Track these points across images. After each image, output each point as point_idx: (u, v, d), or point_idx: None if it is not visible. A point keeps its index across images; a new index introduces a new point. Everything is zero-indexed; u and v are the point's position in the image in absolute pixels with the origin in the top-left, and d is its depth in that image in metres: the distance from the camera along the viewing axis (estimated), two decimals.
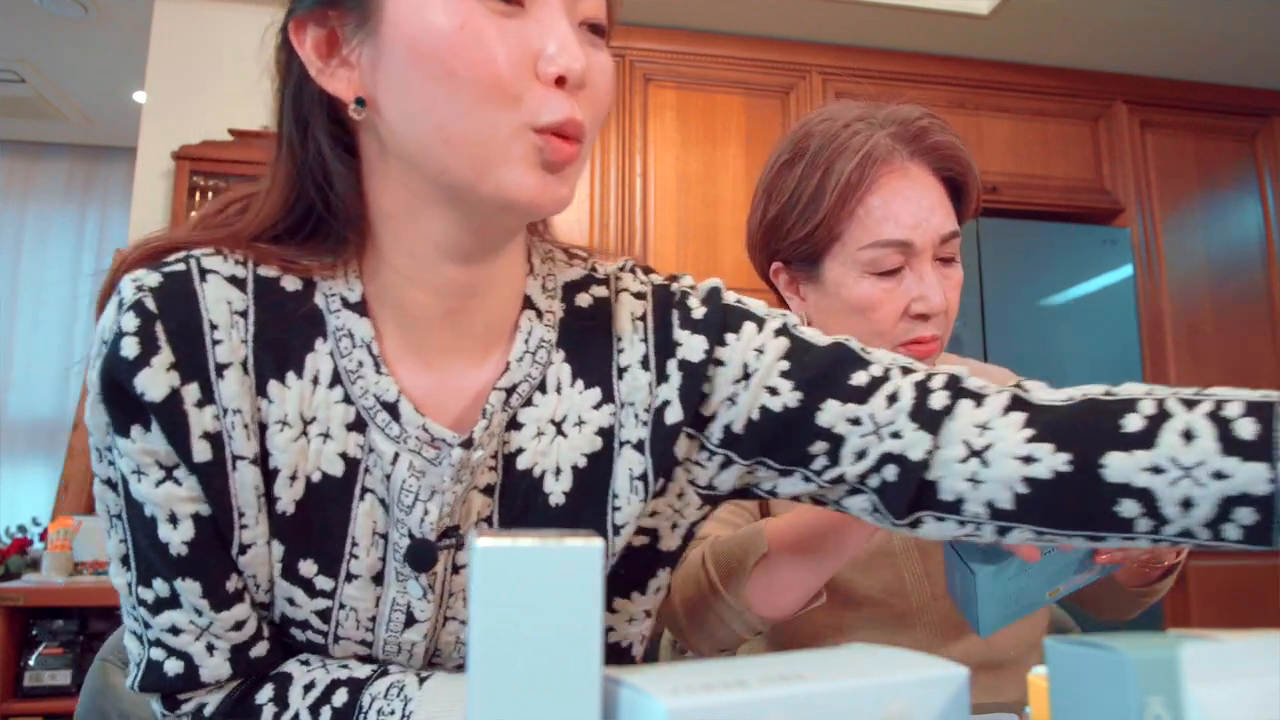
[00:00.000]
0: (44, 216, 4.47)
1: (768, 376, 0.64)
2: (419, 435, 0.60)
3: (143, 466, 0.58)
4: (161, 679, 0.60)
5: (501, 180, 0.54)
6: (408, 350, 0.62)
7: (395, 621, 0.63)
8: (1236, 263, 3.29)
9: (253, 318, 0.60)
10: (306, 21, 0.58)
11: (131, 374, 0.56)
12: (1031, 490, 0.58)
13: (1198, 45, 3.13)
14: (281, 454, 0.60)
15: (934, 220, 0.92)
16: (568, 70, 0.54)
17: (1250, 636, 0.32)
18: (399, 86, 0.55)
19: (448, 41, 0.53)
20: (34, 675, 2.42)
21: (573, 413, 0.65)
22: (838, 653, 0.37)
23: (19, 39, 3.37)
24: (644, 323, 0.68)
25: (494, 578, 0.32)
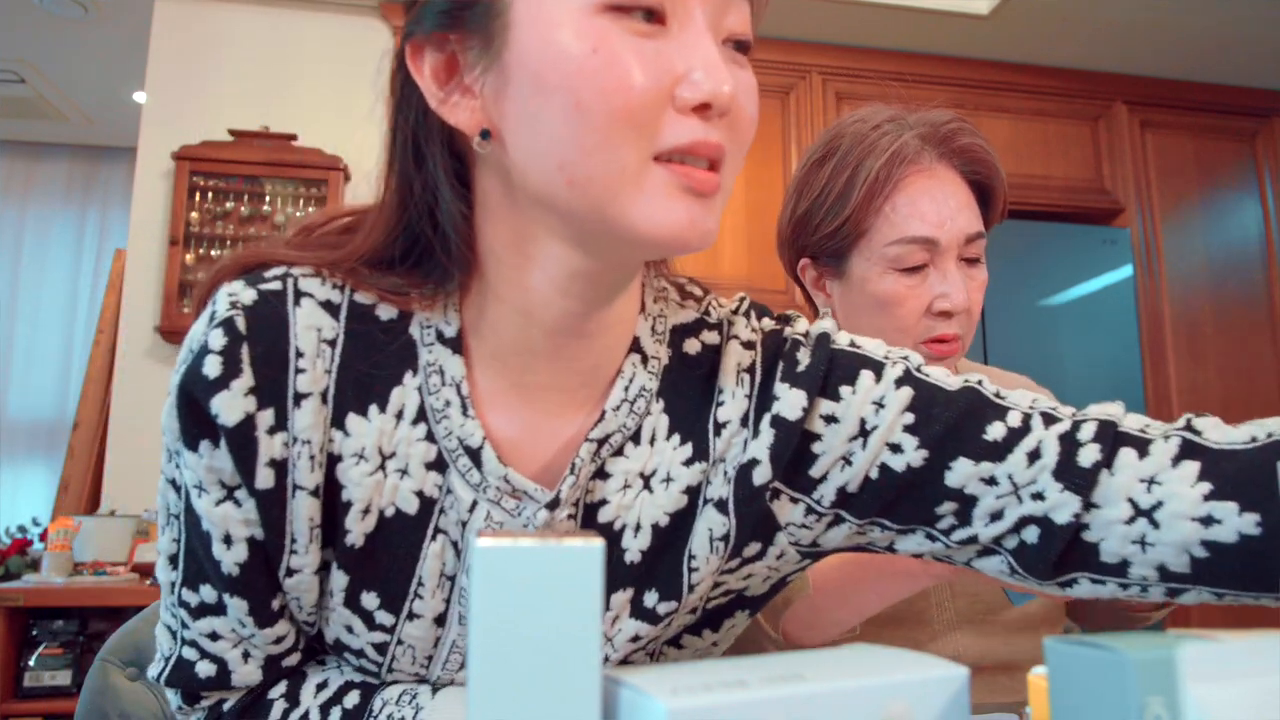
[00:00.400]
0: (44, 216, 4.47)
1: (890, 433, 0.59)
2: (500, 485, 0.57)
3: (205, 484, 0.56)
4: (191, 678, 0.60)
5: (635, 217, 0.49)
6: (501, 390, 0.58)
7: (452, 663, 0.61)
8: (1236, 263, 3.29)
9: (340, 346, 0.57)
10: (424, 46, 0.53)
11: (210, 394, 0.54)
12: (1212, 554, 0.52)
13: (1198, 45, 3.13)
14: (355, 487, 0.57)
15: (960, 220, 0.94)
16: (714, 96, 0.49)
17: (1250, 636, 0.32)
18: (523, 118, 0.50)
19: (577, 66, 0.48)
20: (34, 675, 2.42)
21: (663, 468, 0.60)
22: (838, 653, 0.37)
23: (19, 39, 3.37)
24: (750, 375, 0.62)
25: (494, 578, 0.32)
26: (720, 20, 0.52)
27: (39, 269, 4.42)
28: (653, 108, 0.48)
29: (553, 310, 0.56)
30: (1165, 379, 3.12)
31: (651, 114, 0.48)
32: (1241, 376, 3.20)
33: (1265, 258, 3.32)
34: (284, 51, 2.90)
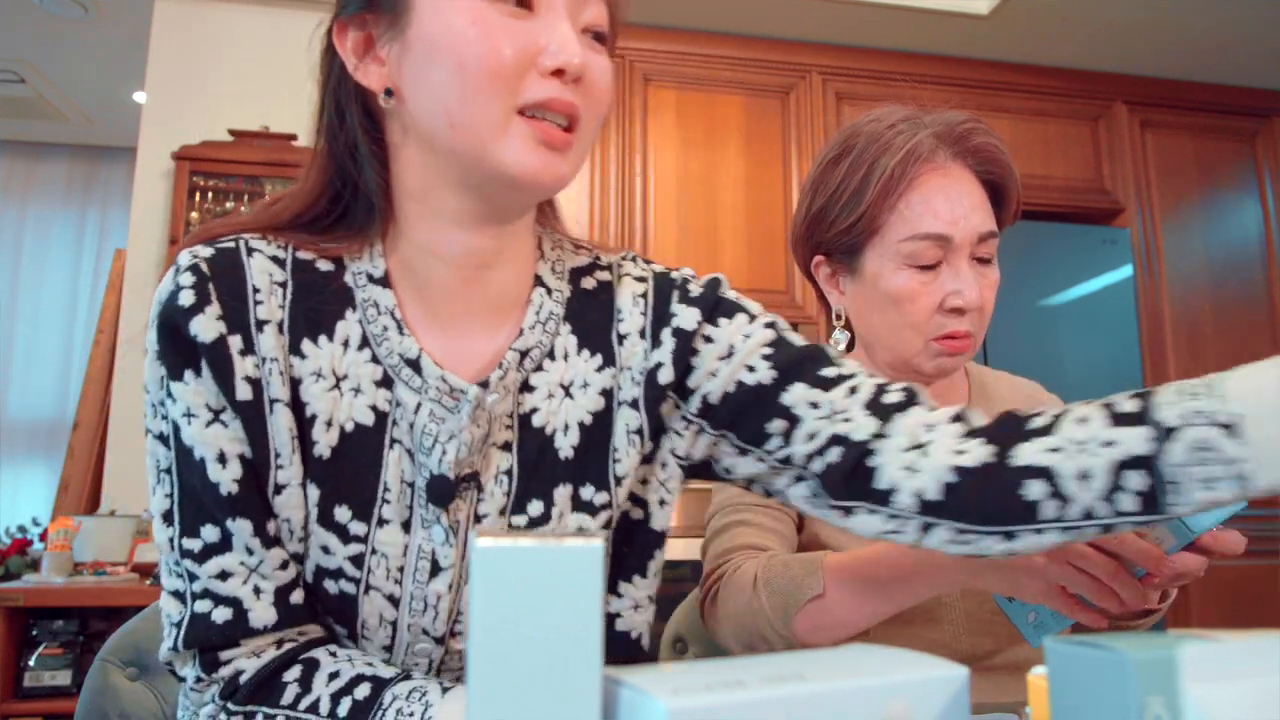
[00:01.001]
0: (44, 216, 4.47)
1: (749, 356, 0.71)
2: (439, 386, 0.67)
3: (193, 409, 0.64)
4: (208, 629, 0.64)
5: (502, 156, 0.62)
6: (427, 316, 0.70)
7: (421, 570, 0.68)
8: (1236, 263, 3.29)
9: (290, 289, 0.68)
10: (348, 25, 0.67)
11: (188, 319, 0.64)
12: (959, 479, 0.62)
13: (1198, 45, 3.13)
14: (317, 402, 0.67)
15: (973, 218, 0.95)
16: (566, 64, 0.62)
17: (1250, 636, 0.32)
18: (419, 78, 0.64)
19: (461, 37, 0.61)
20: (34, 675, 2.42)
21: (579, 377, 0.73)
22: (838, 653, 0.38)
23: (19, 39, 3.37)
24: (644, 299, 0.75)
25: (494, 578, 0.32)
26: (579, 13, 0.65)
27: (39, 269, 4.42)
28: (517, 71, 0.62)
29: (454, 246, 0.68)
30: (1165, 379, 3.11)
31: (516, 75, 0.62)
32: None
33: (1265, 258, 3.32)
34: (284, 51, 2.90)
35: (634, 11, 3.08)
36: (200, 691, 0.66)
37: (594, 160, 2.88)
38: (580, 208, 2.85)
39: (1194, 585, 3.02)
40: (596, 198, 2.87)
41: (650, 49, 2.98)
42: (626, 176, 2.89)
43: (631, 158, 2.90)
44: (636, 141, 2.92)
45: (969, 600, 0.95)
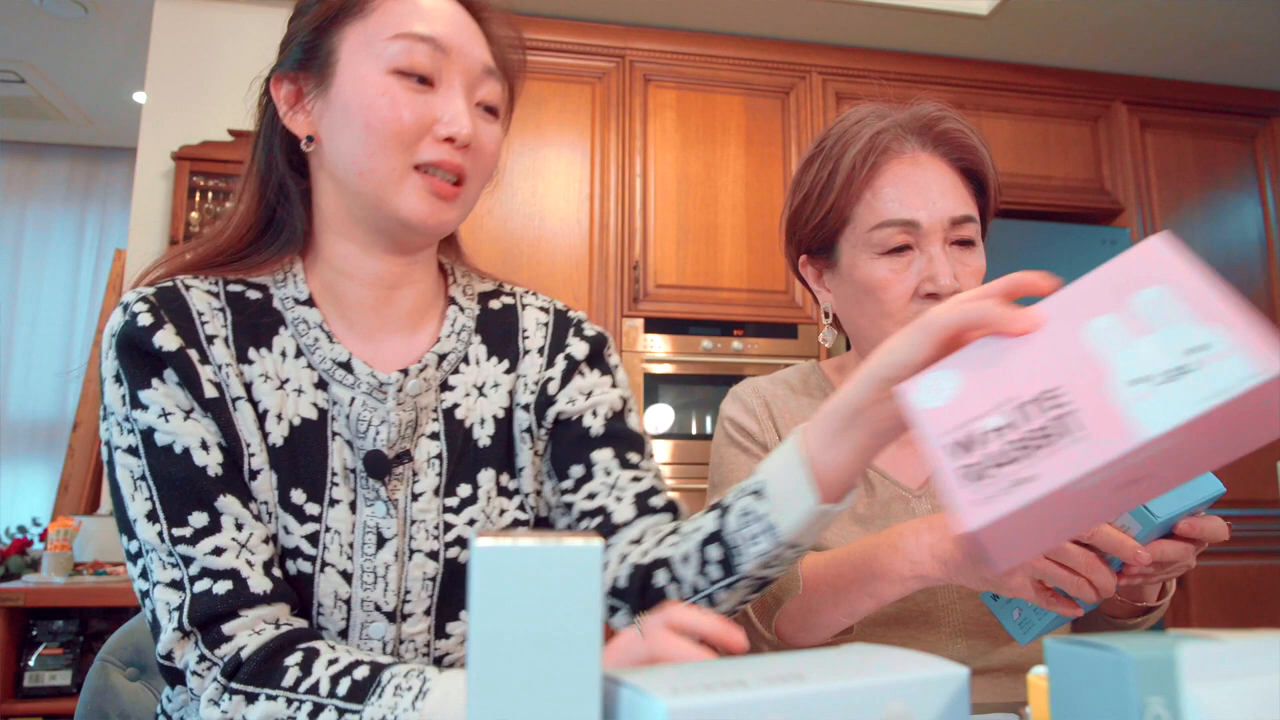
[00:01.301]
0: (44, 216, 4.47)
1: (597, 405, 0.86)
2: (369, 381, 0.79)
3: (168, 409, 0.73)
4: (211, 602, 0.69)
5: (398, 204, 0.76)
6: (350, 329, 0.82)
7: (369, 543, 0.77)
8: (1236, 263, 3.29)
9: (228, 313, 0.78)
10: (283, 78, 0.80)
11: (149, 335, 0.73)
12: (631, 572, 0.77)
13: (1198, 45, 3.13)
14: (267, 399, 0.77)
15: (943, 202, 0.95)
16: (456, 134, 0.75)
17: (1250, 636, 0.32)
18: (336, 131, 0.77)
19: (371, 104, 0.75)
20: (34, 675, 2.42)
21: (490, 379, 0.85)
22: (838, 653, 0.38)
23: (19, 39, 3.37)
24: (546, 326, 0.89)
25: (494, 578, 0.32)
26: (475, 90, 0.79)
27: (39, 269, 4.42)
28: (415, 134, 0.75)
29: (365, 271, 0.81)
30: None
31: (414, 139, 0.75)
32: None
33: (1265, 258, 3.32)
34: None
35: (634, 12, 3.06)
36: (202, 675, 0.69)
37: (594, 160, 2.89)
38: (580, 208, 2.85)
39: (1194, 585, 3.01)
40: (596, 198, 2.87)
41: (650, 49, 2.98)
42: (626, 176, 2.89)
43: (631, 158, 2.91)
44: (636, 141, 2.92)
45: (966, 602, 0.95)
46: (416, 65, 0.75)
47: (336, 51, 0.77)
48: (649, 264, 2.82)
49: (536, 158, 2.86)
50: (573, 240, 2.83)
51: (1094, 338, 0.51)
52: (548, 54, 2.92)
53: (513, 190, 2.82)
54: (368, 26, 0.77)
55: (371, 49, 0.76)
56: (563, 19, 2.93)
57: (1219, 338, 0.46)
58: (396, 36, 0.75)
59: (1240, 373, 0.45)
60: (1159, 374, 0.47)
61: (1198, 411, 0.45)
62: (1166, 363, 0.47)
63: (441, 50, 0.76)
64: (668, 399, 2.79)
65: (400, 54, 0.75)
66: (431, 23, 0.77)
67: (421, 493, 0.79)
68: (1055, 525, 0.50)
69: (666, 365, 2.80)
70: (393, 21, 0.76)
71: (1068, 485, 0.47)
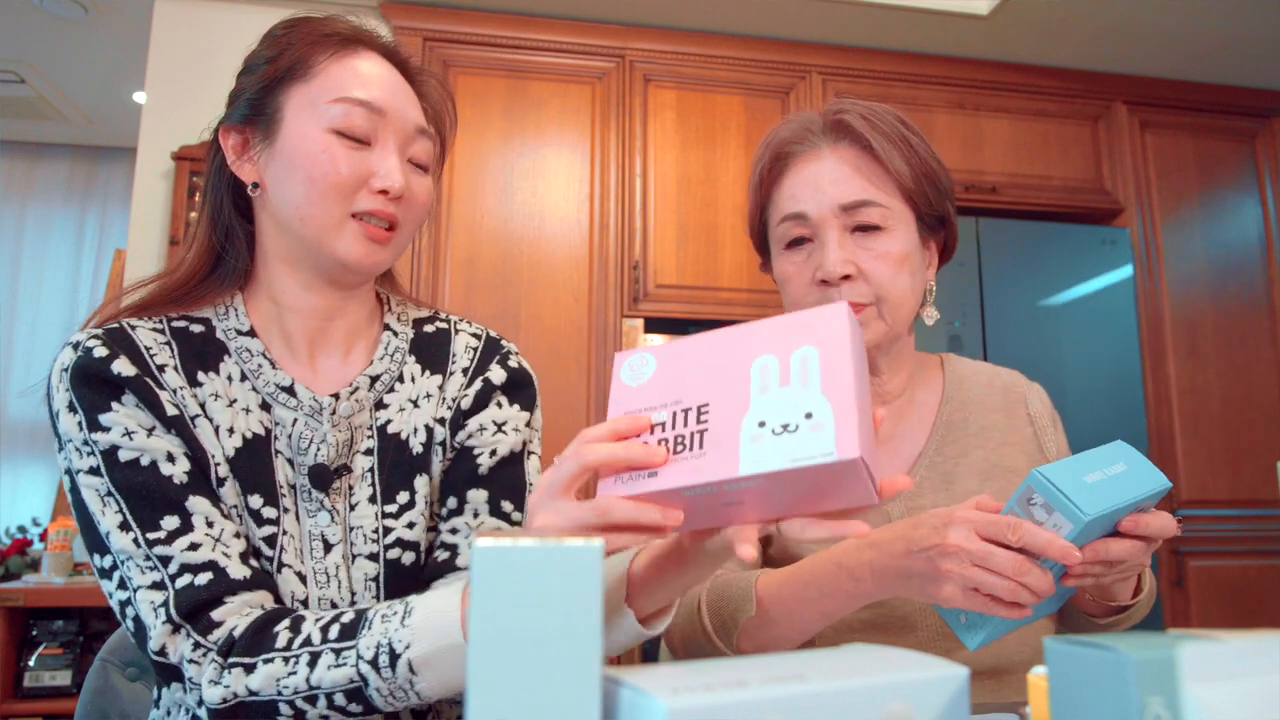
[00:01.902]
0: (44, 216, 4.46)
1: (497, 444, 0.91)
2: (311, 404, 0.87)
3: (131, 428, 0.78)
4: (195, 593, 0.74)
5: (336, 247, 0.84)
6: (290, 356, 0.89)
7: (317, 549, 0.84)
8: (1236, 263, 3.28)
9: (175, 346, 0.85)
10: (230, 130, 0.88)
11: (106, 365, 0.79)
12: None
13: (1198, 45, 3.13)
14: (219, 415, 0.83)
15: (833, 191, 0.97)
16: (389, 187, 0.84)
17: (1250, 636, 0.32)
18: (280, 180, 0.85)
19: (313, 159, 0.83)
20: (34, 675, 2.42)
21: (423, 391, 0.92)
22: (838, 653, 0.38)
23: (19, 39, 3.37)
24: (474, 351, 0.96)
25: (494, 578, 0.32)
26: (407, 148, 0.88)
27: (39, 269, 4.42)
28: (352, 187, 0.84)
29: (304, 304, 0.89)
30: (1165, 379, 3.12)
31: (351, 190, 0.84)
32: (1241, 376, 3.20)
33: (1265, 258, 3.32)
34: None
35: (634, 12, 3.06)
36: (199, 662, 0.73)
37: (594, 160, 2.88)
38: (580, 209, 2.85)
39: (1194, 585, 3.02)
40: (596, 198, 2.87)
41: (650, 49, 2.98)
42: (626, 176, 2.89)
43: (631, 158, 2.90)
44: (636, 141, 2.91)
45: None
46: (354, 128, 0.84)
47: (282, 109, 0.85)
48: (649, 264, 2.82)
49: (536, 158, 2.86)
50: (573, 240, 2.83)
51: (754, 371, 0.58)
52: (548, 54, 2.92)
53: (513, 190, 2.82)
54: (311, 89, 0.85)
55: (315, 109, 0.84)
56: (563, 19, 2.93)
57: (826, 412, 0.54)
58: (337, 100, 0.84)
59: (819, 448, 0.53)
60: (776, 424, 0.55)
61: (778, 467, 0.53)
62: (785, 417, 0.55)
63: (378, 113, 0.85)
64: None
65: (340, 116, 0.83)
66: (369, 88, 0.85)
67: (358, 502, 0.87)
68: (686, 515, 0.59)
69: None
70: (333, 86, 0.84)
71: (675, 490, 0.56)
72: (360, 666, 0.71)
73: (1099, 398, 2.98)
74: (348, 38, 0.88)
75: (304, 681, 0.72)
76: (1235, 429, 3.15)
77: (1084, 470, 0.73)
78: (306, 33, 0.88)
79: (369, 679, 0.71)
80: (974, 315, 2.93)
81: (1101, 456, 0.75)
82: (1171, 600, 2.97)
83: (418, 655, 0.70)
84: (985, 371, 1.11)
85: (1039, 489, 0.72)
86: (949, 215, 1.04)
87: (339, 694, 0.72)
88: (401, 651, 0.70)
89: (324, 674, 0.71)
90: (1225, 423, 3.14)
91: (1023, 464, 1.02)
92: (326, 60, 0.86)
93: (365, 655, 0.71)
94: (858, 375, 0.56)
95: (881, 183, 0.98)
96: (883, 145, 0.97)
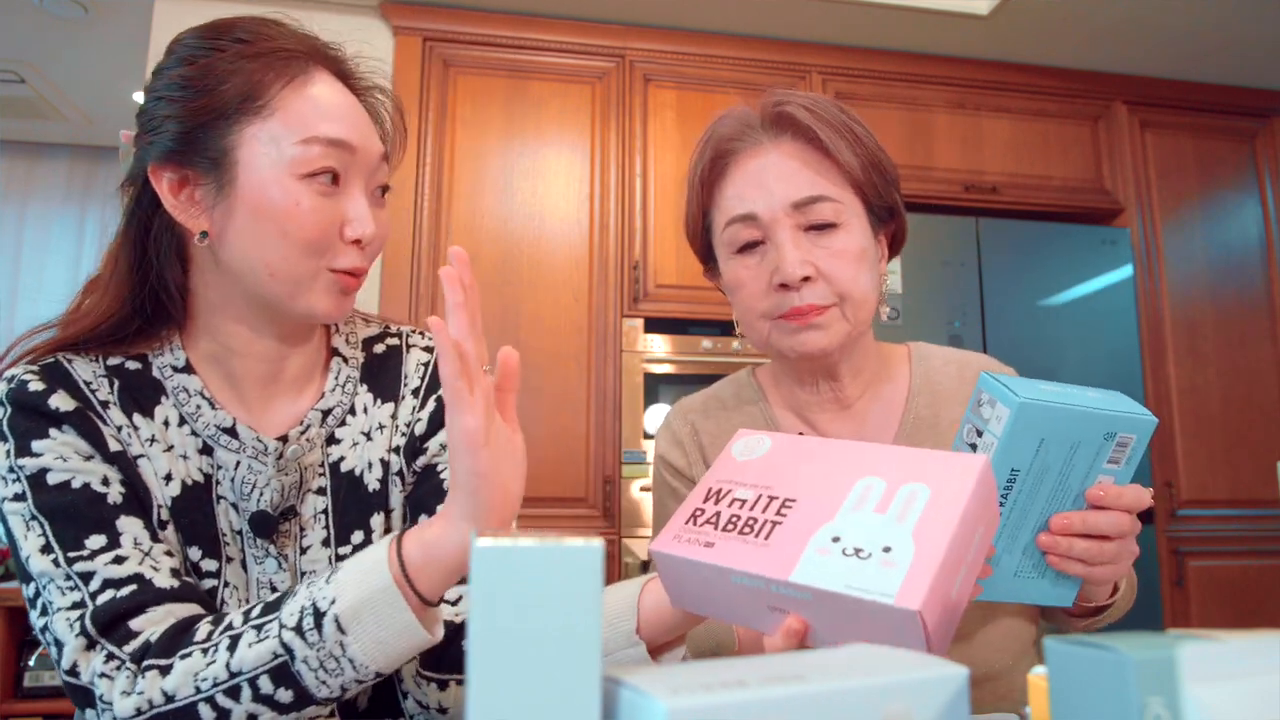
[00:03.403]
0: (44, 216, 4.46)
1: None
2: (255, 445, 0.80)
3: (66, 455, 0.73)
4: (114, 604, 0.67)
5: (308, 302, 0.77)
6: (235, 397, 0.83)
7: (265, 596, 0.77)
8: (1236, 263, 3.28)
9: (114, 382, 0.79)
10: (164, 169, 0.76)
11: (42, 399, 0.74)
12: None
13: (1198, 45, 3.13)
14: (158, 460, 0.77)
15: (780, 189, 0.91)
16: (362, 235, 0.77)
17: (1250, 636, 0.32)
18: (243, 233, 0.75)
19: (284, 212, 0.74)
20: (34, 675, 2.42)
21: (375, 423, 0.87)
22: (838, 653, 0.38)
23: (19, 39, 3.37)
24: (425, 366, 0.91)
25: (494, 578, 0.32)
26: (371, 181, 0.80)
27: (39, 269, 4.42)
28: (327, 241, 0.76)
29: (253, 348, 0.82)
30: (1165, 379, 3.12)
31: (326, 244, 0.76)
32: (1241, 376, 3.20)
33: (1265, 258, 3.32)
34: None
35: (634, 12, 3.06)
36: (111, 676, 0.65)
37: (594, 160, 2.89)
38: (580, 209, 2.85)
39: (1194, 585, 3.02)
40: (596, 199, 2.86)
41: (650, 49, 2.98)
42: (626, 176, 2.89)
43: (631, 158, 2.90)
44: (636, 141, 2.91)
45: None
46: (325, 168, 0.76)
47: (234, 152, 0.74)
48: (649, 264, 2.82)
49: (536, 158, 2.86)
50: (573, 240, 2.83)
51: (856, 487, 0.56)
52: (548, 54, 2.92)
53: (513, 190, 2.82)
54: (269, 128, 0.74)
55: (279, 152, 0.74)
56: (563, 19, 2.93)
57: (906, 553, 0.51)
58: (303, 141, 0.74)
59: (879, 585, 0.49)
60: (850, 545, 0.52)
61: (830, 587, 0.50)
62: (861, 541, 0.52)
63: (347, 150, 0.77)
64: (668, 399, 2.79)
65: (308, 159, 0.74)
66: (335, 124, 0.76)
67: (310, 545, 0.82)
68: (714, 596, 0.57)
69: (666, 365, 2.80)
70: (296, 123, 0.75)
71: (723, 570, 0.54)
72: (284, 635, 0.64)
73: None
74: (301, 57, 0.77)
75: (223, 669, 0.64)
76: (1235, 429, 3.15)
77: (1048, 385, 0.70)
78: (247, 53, 0.75)
79: (294, 649, 0.63)
80: (974, 315, 2.93)
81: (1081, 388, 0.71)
82: (1171, 600, 2.97)
83: (345, 608, 0.63)
84: (955, 360, 1.06)
85: (984, 385, 0.69)
86: (898, 206, 0.99)
87: (263, 676, 0.63)
88: (326, 608, 0.63)
89: (245, 654, 0.64)
90: (1225, 423, 3.14)
91: None
92: (282, 90, 0.75)
93: (288, 623, 0.64)
94: (963, 532, 0.52)
95: (831, 176, 0.93)
96: (830, 136, 0.92)
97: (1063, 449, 0.69)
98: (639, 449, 2.73)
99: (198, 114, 0.74)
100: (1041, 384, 0.69)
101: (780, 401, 1.06)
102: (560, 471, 2.66)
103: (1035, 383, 0.69)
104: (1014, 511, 0.71)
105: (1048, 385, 0.69)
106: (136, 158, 0.79)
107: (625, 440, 2.73)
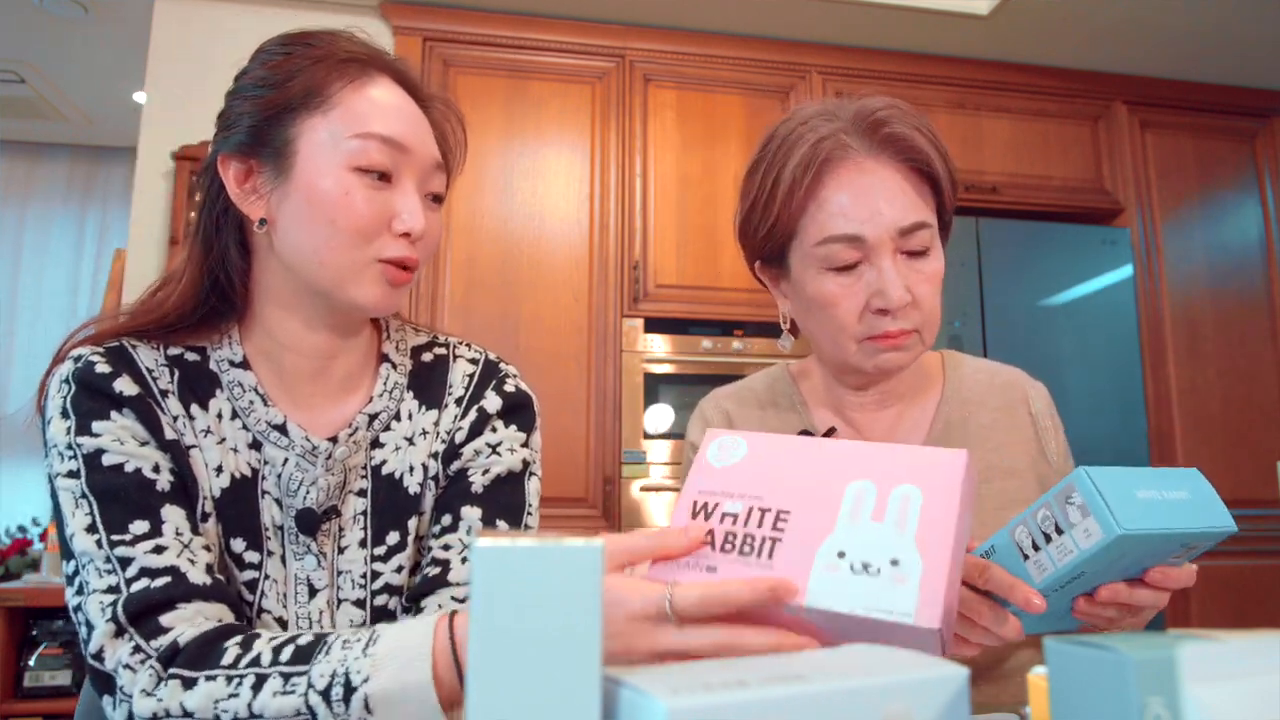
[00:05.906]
0: (44, 216, 4.46)
1: (491, 464, 0.87)
2: (303, 444, 0.83)
3: (123, 437, 0.75)
4: (148, 594, 0.69)
5: (355, 293, 0.79)
6: (285, 392, 0.85)
7: (301, 593, 0.81)
8: (1236, 263, 3.28)
9: (174, 372, 0.82)
10: (230, 158, 0.81)
11: (108, 381, 0.77)
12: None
13: (1198, 45, 3.13)
14: (210, 451, 0.80)
15: (890, 212, 0.90)
16: (412, 229, 0.80)
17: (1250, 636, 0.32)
18: (295, 220, 0.79)
19: (334, 201, 0.77)
20: (34, 675, 2.41)
21: (418, 429, 0.89)
22: (838, 653, 0.38)
23: (19, 39, 3.37)
24: (471, 378, 0.92)
25: (494, 578, 0.32)
26: (425, 184, 0.83)
27: (39, 269, 4.41)
28: (376, 231, 0.79)
29: (305, 343, 0.84)
30: (1165, 379, 3.12)
31: (375, 234, 0.79)
32: (1241, 376, 3.20)
33: (1265, 258, 3.32)
34: None
35: (634, 11, 3.06)
36: (135, 669, 0.66)
37: (594, 160, 2.88)
38: (580, 209, 2.85)
39: (1194, 585, 3.01)
40: (596, 198, 2.86)
41: (650, 49, 2.98)
42: (626, 176, 2.89)
43: (631, 158, 2.90)
44: (636, 142, 2.91)
45: None
46: (375, 164, 0.79)
47: (295, 142, 0.79)
48: (649, 264, 2.82)
49: (536, 158, 2.85)
50: (573, 240, 2.83)
51: (848, 494, 0.55)
52: (548, 54, 2.92)
53: (513, 190, 2.82)
54: (329, 122, 0.79)
55: (334, 145, 0.78)
56: (563, 19, 2.93)
57: (914, 565, 0.51)
58: (358, 135, 0.78)
59: (896, 605, 0.50)
60: (857, 560, 0.52)
61: (846, 610, 0.50)
62: (868, 555, 0.52)
63: (400, 149, 0.80)
64: (668, 399, 2.79)
65: (361, 152, 0.78)
66: (390, 122, 0.80)
67: (348, 545, 0.84)
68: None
69: (666, 365, 2.80)
70: (353, 118, 0.79)
71: None
72: (310, 697, 0.63)
73: (1099, 398, 2.98)
74: (363, 62, 0.82)
75: (245, 707, 0.64)
76: (1235, 429, 3.14)
77: (1138, 484, 0.64)
78: (315, 55, 0.81)
79: (317, 712, 0.63)
80: (974, 315, 2.93)
81: (1164, 477, 0.66)
82: (1171, 600, 2.96)
83: (376, 691, 0.63)
84: (986, 370, 1.08)
85: (1080, 488, 0.63)
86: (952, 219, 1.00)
87: None
88: (358, 684, 0.63)
89: (268, 700, 0.64)
90: (1225, 423, 3.14)
91: (1023, 464, 1.01)
92: (343, 89, 0.79)
93: (317, 685, 0.64)
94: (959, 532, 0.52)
95: (928, 199, 0.93)
96: (935, 160, 0.92)
97: (1139, 555, 0.67)
98: (639, 449, 2.73)
99: (267, 108, 0.80)
100: (1137, 488, 0.64)
101: (818, 399, 1.07)
102: (560, 471, 2.66)
103: (1132, 488, 0.63)
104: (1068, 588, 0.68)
105: (1142, 488, 0.64)
106: (210, 153, 0.83)
107: (625, 440, 2.73)
